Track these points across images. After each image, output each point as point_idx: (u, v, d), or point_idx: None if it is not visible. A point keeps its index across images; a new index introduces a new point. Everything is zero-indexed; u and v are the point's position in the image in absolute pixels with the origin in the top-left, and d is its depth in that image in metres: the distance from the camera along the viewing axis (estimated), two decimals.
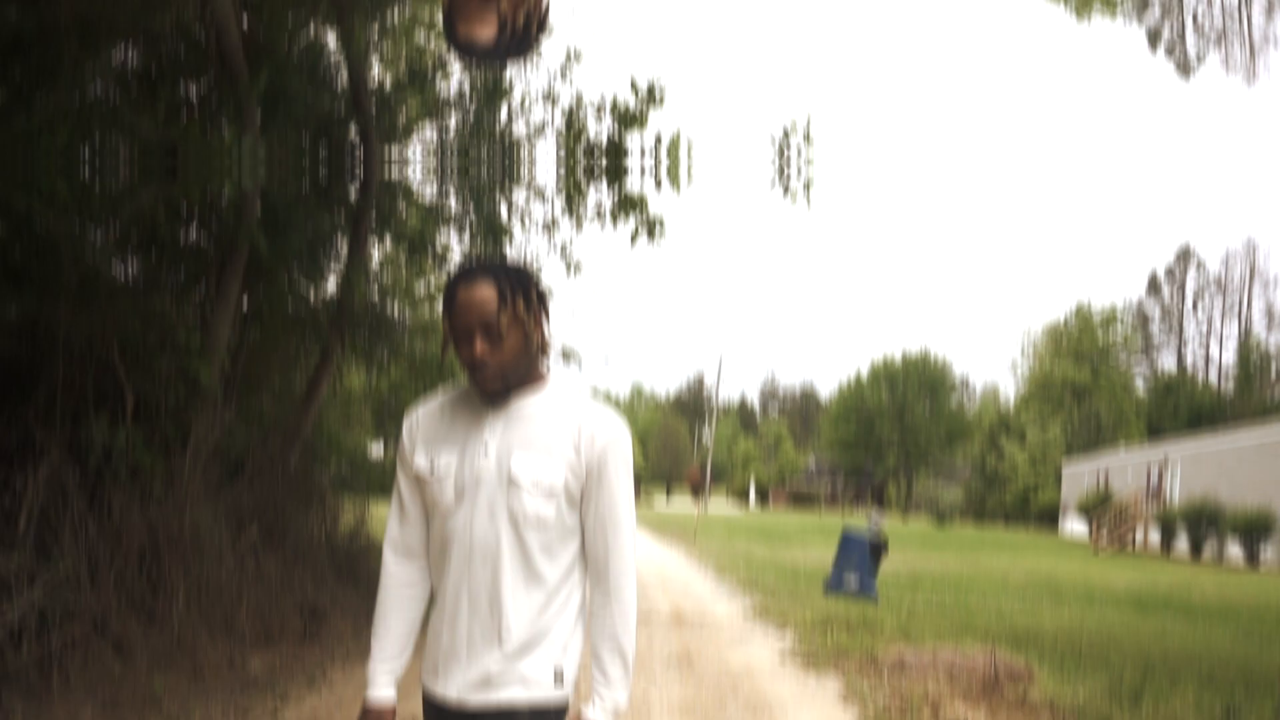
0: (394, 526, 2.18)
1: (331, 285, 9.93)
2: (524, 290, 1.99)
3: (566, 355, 13.25)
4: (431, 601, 2.18)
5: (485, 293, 1.94)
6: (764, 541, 27.63)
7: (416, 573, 2.17)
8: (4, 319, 5.89)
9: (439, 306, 10.38)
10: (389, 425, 15.50)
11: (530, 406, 2.04)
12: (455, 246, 10.99)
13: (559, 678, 2.03)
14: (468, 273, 1.99)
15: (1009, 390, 78.51)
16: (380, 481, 11.38)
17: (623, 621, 2.07)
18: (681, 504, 66.20)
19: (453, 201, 10.94)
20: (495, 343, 1.95)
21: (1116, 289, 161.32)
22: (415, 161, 10.22)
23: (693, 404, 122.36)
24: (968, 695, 6.67)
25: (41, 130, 5.83)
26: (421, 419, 2.16)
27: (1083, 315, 63.25)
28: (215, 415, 7.22)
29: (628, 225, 9.45)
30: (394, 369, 11.53)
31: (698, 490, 67.64)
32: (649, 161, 9.05)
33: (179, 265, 7.47)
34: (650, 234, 9.45)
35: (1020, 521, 49.02)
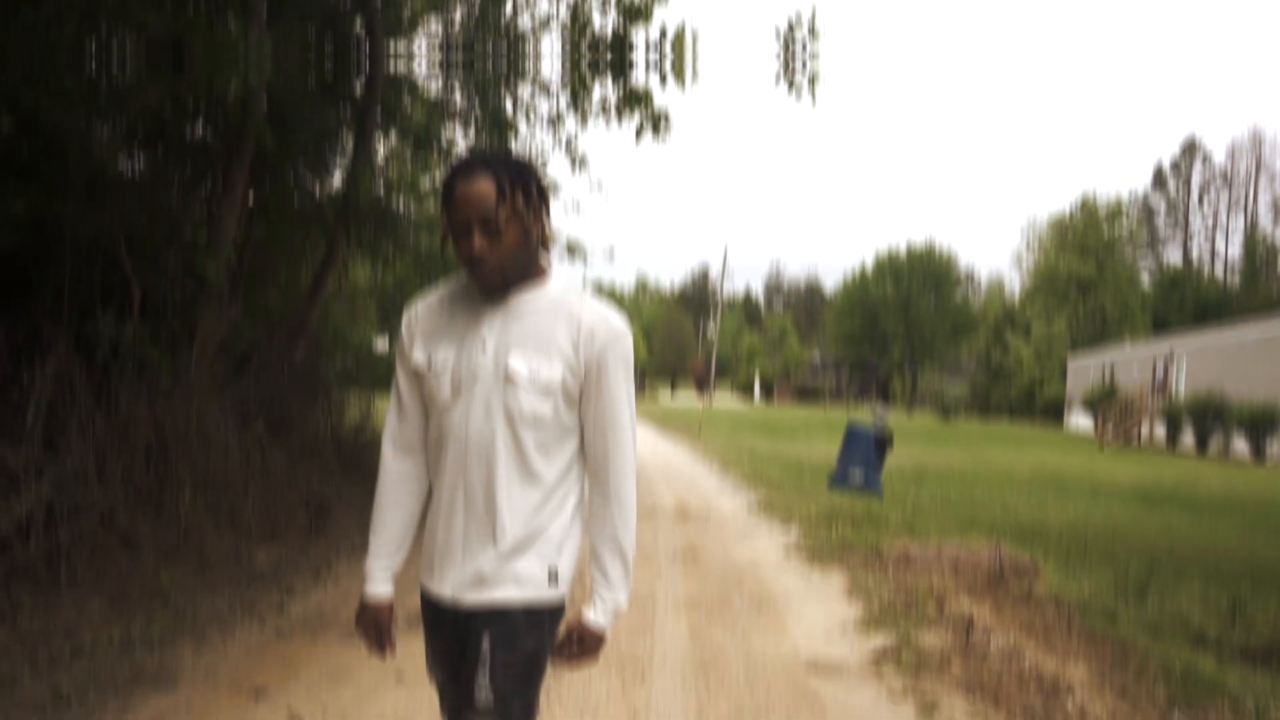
0: (392, 421, 2.16)
1: (337, 180, 9.77)
2: (524, 184, 1.94)
3: (572, 249, 13.13)
4: (430, 498, 2.16)
5: (484, 187, 1.90)
6: (768, 436, 27.87)
7: (415, 468, 2.16)
8: (11, 215, 5.78)
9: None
10: (394, 320, 15.40)
11: (530, 303, 2.01)
12: (460, 141, 10.77)
13: (554, 577, 2.02)
14: (466, 166, 1.94)
15: (1014, 284, 78.20)
16: (385, 376, 11.29)
17: (623, 522, 2.08)
18: (686, 399, 66.66)
19: (458, 96, 10.67)
20: (493, 238, 1.91)
21: (1122, 181, 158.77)
22: (420, 56, 9.91)
23: (697, 297, 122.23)
24: (973, 589, 6.74)
25: (49, 24, 5.63)
26: (421, 313, 2.12)
27: (1088, 208, 62.41)
28: (221, 310, 7.17)
29: (633, 120, 9.21)
30: (399, 264, 11.43)
31: (702, 384, 68.04)
32: (654, 56, 8.77)
33: (185, 161, 7.35)
34: (655, 129, 9.22)
35: (1025, 416, 49.32)
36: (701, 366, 76.98)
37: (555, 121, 10.73)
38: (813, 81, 8.15)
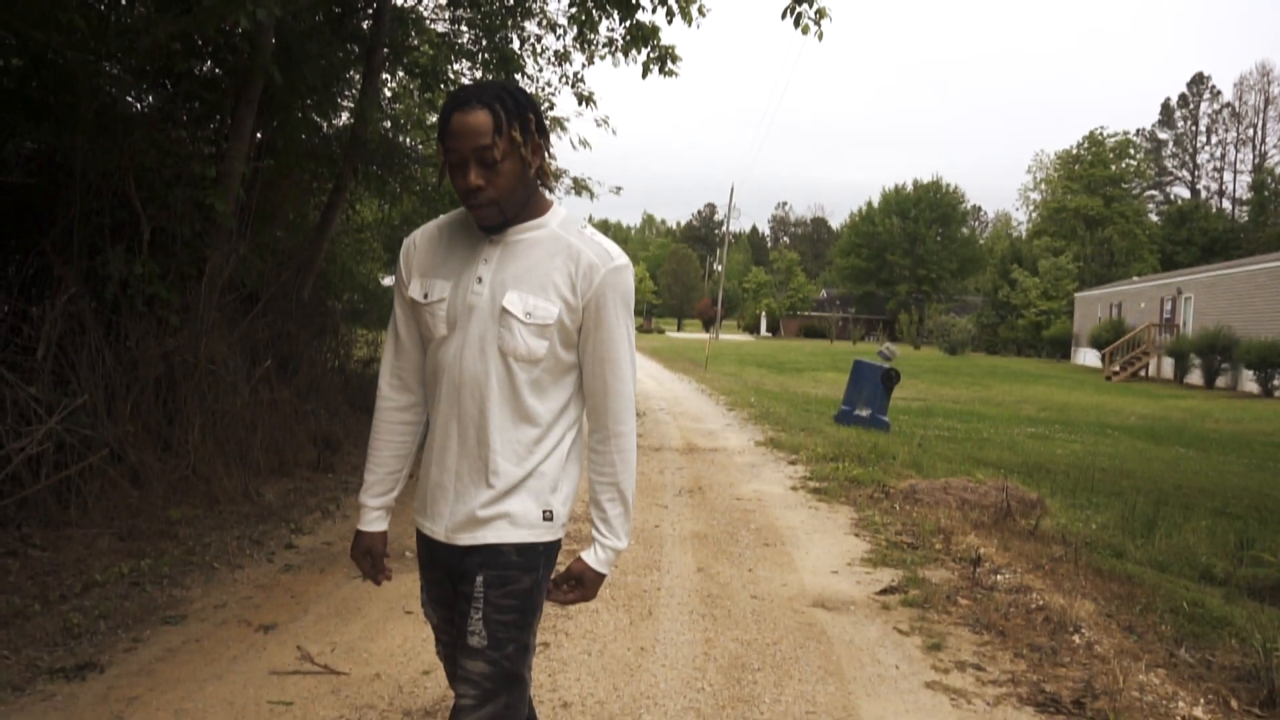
0: (389, 354, 2.13)
1: (345, 118, 9.64)
2: (521, 116, 1.87)
3: (579, 186, 13.01)
4: (425, 434, 2.14)
5: (480, 119, 1.83)
6: (775, 372, 27.88)
7: (411, 403, 2.14)
8: (23, 152, 5.72)
9: None
10: (382, 254, 15.42)
11: (528, 238, 1.96)
12: (466, 78, 10.58)
13: (548, 517, 1.98)
14: (462, 98, 1.86)
15: (1021, 219, 77.50)
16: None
17: (622, 463, 2.03)
18: (692, 334, 66.63)
19: (465, 33, 10.47)
20: (490, 171, 1.86)
21: (1129, 118, 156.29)
22: None
23: (704, 234, 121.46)
24: (980, 526, 6.76)
25: None
26: (419, 244, 2.07)
27: (1095, 143, 61.61)
28: (230, 247, 7.12)
29: (640, 56, 9.03)
30: (406, 200, 11.32)
31: (709, 320, 67.94)
32: None
33: (194, 98, 7.25)
34: (662, 66, 9.04)
35: (1032, 352, 49.25)
36: (708, 302, 76.86)
37: (562, 58, 10.54)
38: (820, 16, 7.97)
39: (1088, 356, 40.73)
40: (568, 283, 1.92)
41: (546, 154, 1.98)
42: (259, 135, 7.89)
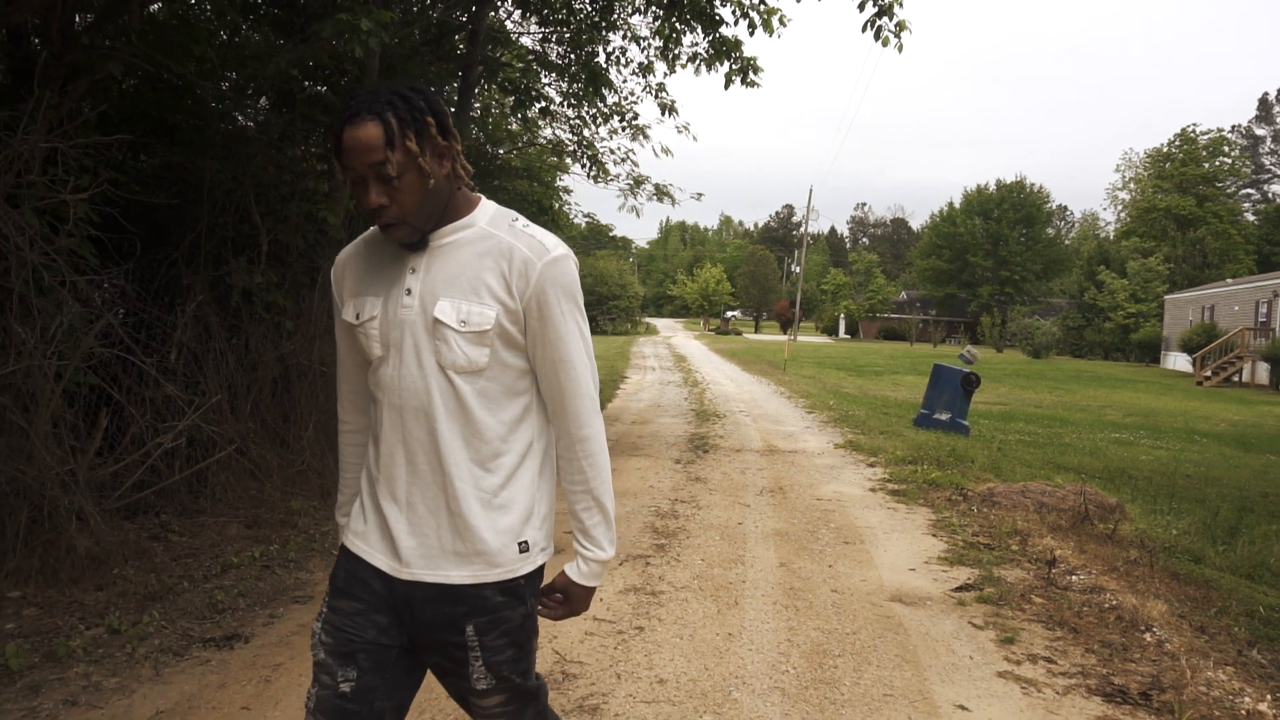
0: (339, 382, 2.07)
1: None
2: (416, 123, 1.72)
3: (660, 193, 13.35)
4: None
5: (370, 132, 1.68)
6: (854, 374, 27.85)
7: (366, 424, 2.06)
8: (157, 172, 6.28)
9: (539, 150, 10.55)
10: None
11: (455, 240, 1.82)
12: (553, 89, 11.03)
13: (524, 549, 1.86)
14: (351, 110, 1.71)
15: (1108, 220, 75.54)
16: None
17: (592, 469, 1.89)
18: (770, 337, 66.49)
19: (554, 49, 10.90)
20: (390, 187, 1.72)
21: (1225, 115, 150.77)
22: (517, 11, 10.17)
23: (782, 235, 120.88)
24: (1057, 529, 6.90)
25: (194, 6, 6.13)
26: (347, 264, 1.95)
27: (1188, 141, 59.77)
28: None
29: (722, 68, 9.32)
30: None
31: (786, 323, 67.70)
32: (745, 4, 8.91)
33: (308, 119, 7.80)
34: (744, 78, 9.31)
35: (1120, 356, 48.10)
36: (786, 304, 76.57)
37: (645, 69, 10.90)
38: (899, 29, 8.16)
39: (1178, 361, 39.66)
40: (501, 283, 1.78)
41: (457, 155, 1.82)
42: None
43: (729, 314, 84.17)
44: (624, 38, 11.11)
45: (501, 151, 11.28)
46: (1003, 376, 29.53)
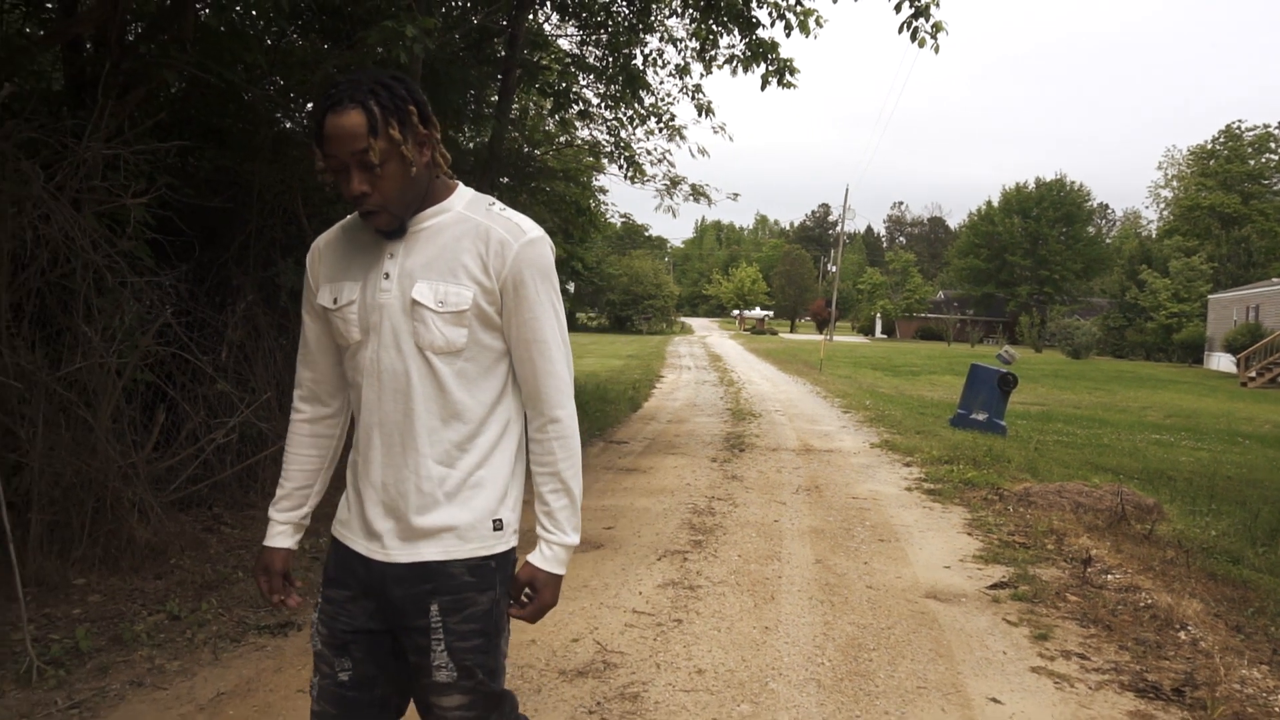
0: (299, 367, 2.05)
1: (470, 133, 10.31)
2: (399, 111, 1.74)
3: (697, 193, 13.44)
4: (341, 452, 2.08)
5: (353, 120, 1.70)
6: (890, 374, 27.76)
7: (322, 414, 2.05)
8: (209, 175, 6.48)
9: (576, 151, 10.66)
10: None
11: (433, 225, 1.84)
12: (591, 92, 11.16)
13: (498, 527, 1.85)
14: (333, 98, 1.72)
15: (1151, 218, 74.51)
16: None
17: (563, 451, 1.88)
18: (806, 336, 66.28)
19: (592, 51, 11.04)
20: (372, 175, 1.74)
21: (1270, 109, 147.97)
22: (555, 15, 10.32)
23: (818, 234, 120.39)
24: (1093, 529, 6.91)
25: (246, 15, 6.34)
26: (323, 250, 1.97)
27: (1232, 137, 58.75)
28: None
29: (759, 70, 9.39)
30: (534, 209, 11.96)
31: (822, 323, 67.44)
32: (781, 6, 8.97)
33: None
34: (781, 79, 9.38)
35: (1162, 356, 47.46)
36: (822, 304, 76.27)
37: (682, 71, 11.00)
38: (936, 30, 8.19)
39: (1221, 361, 39.08)
40: (478, 263, 1.80)
41: (436, 143, 1.85)
42: None
43: (758, 313, 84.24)
44: (661, 39, 11.22)
45: (538, 152, 11.43)
46: (1041, 377, 29.28)
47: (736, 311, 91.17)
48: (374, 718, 1.92)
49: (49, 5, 6.88)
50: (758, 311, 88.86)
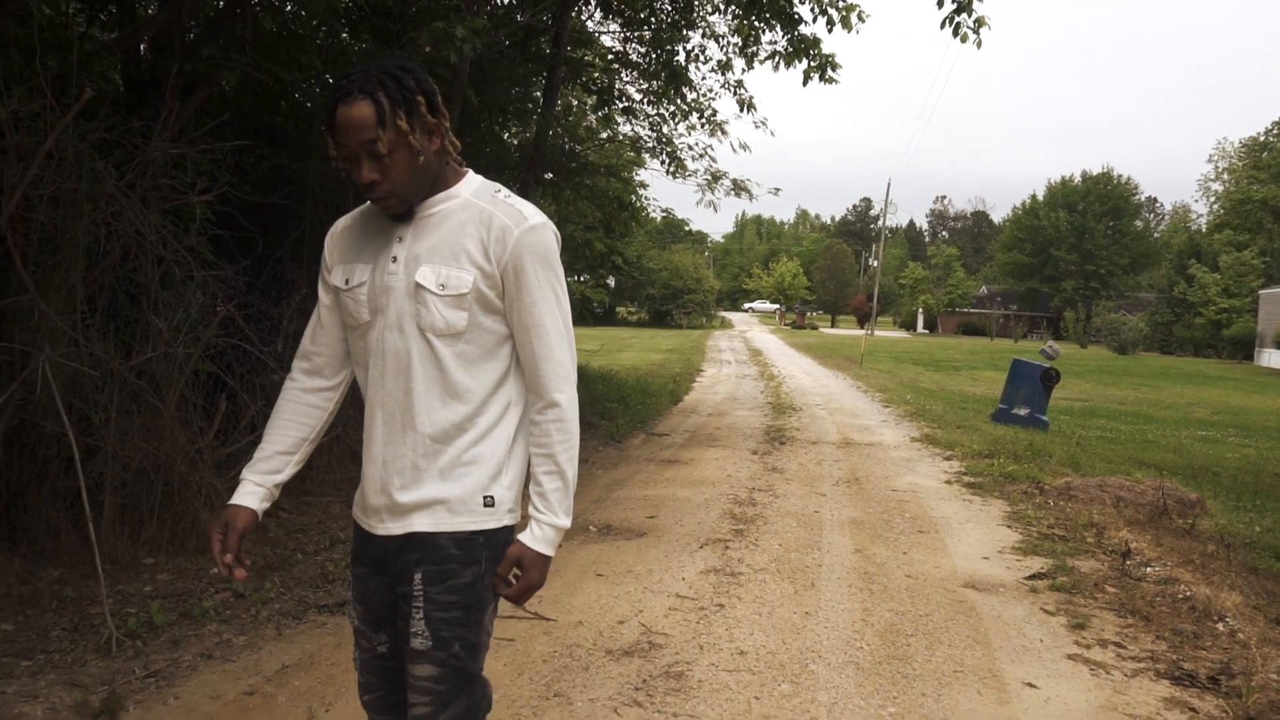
0: (306, 337, 2.10)
1: (520, 129, 10.50)
2: (407, 102, 1.80)
3: (738, 187, 13.53)
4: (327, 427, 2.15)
5: (362, 111, 1.76)
6: (932, 369, 27.63)
7: (317, 385, 2.09)
8: (265, 173, 6.71)
9: (618, 146, 10.79)
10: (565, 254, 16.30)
11: (440, 211, 1.91)
12: (633, 89, 11.31)
13: (489, 504, 1.90)
14: (344, 88, 1.78)
15: (1200, 212, 73.15)
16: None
17: (560, 434, 1.91)
18: (847, 331, 65.95)
19: (636, 49, 11.19)
20: (381, 164, 1.80)
21: None
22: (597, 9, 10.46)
23: (859, 228, 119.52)
24: (1134, 523, 6.93)
25: (300, 18, 6.57)
26: (339, 233, 2.06)
27: None
28: None
29: (801, 65, 9.46)
30: (577, 203, 12.14)
31: (864, 318, 67.08)
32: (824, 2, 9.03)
33: None
34: (822, 74, 9.44)
35: (1211, 353, 46.69)
36: (863, 298, 75.80)
37: (724, 67, 11.11)
38: (978, 25, 8.22)
39: (1273, 358, 38.39)
40: (480, 249, 1.86)
41: (445, 132, 1.90)
42: None
43: (770, 307, 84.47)
44: (703, 36, 11.33)
45: (579, 149, 11.60)
46: (1086, 373, 28.99)
47: (748, 306, 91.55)
48: None
49: (111, 9, 7.14)
50: (769, 305, 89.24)
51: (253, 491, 2.02)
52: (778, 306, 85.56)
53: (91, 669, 3.60)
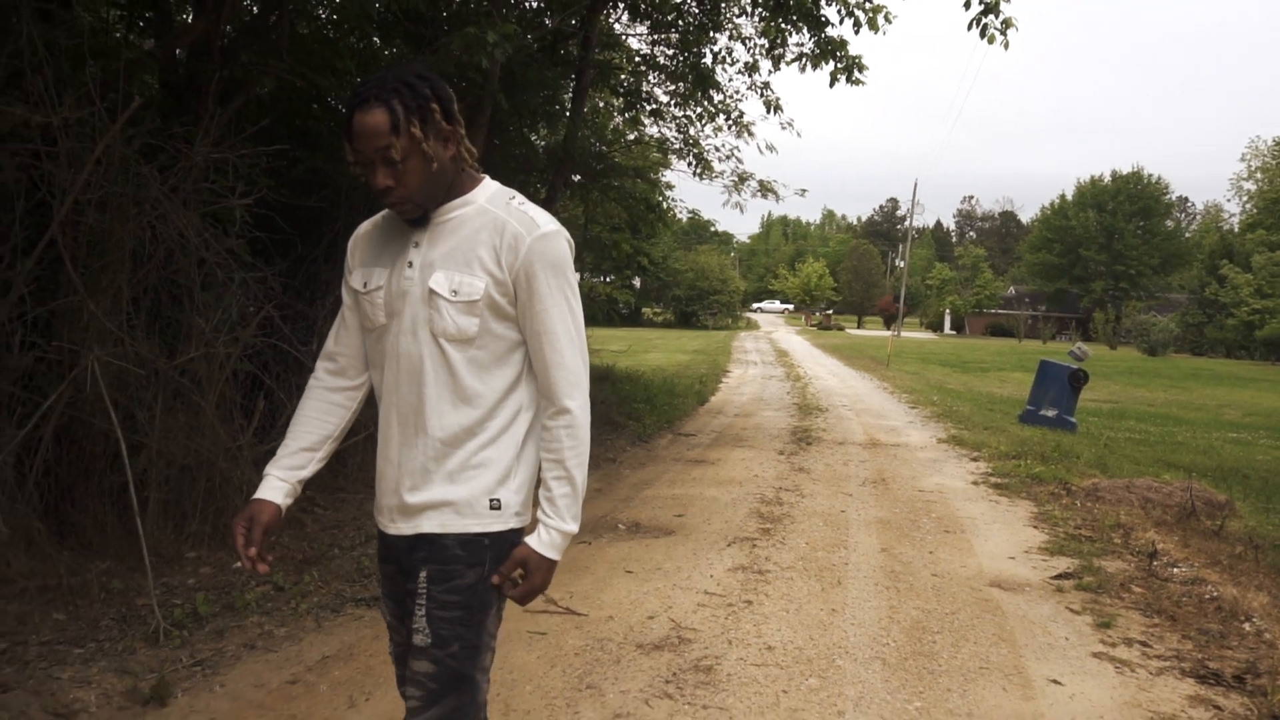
0: (330, 338, 2.14)
1: (547, 132, 10.60)
2: (421, 110, 1.83)
3: (765, 189, 13.58)
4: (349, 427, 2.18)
5: (377, 119, 1.79)
6: (959, 370, 27.52)
7: (341, 385, 2.12)
8: (301, 176, 6.85)
9: (644, 147, 10.86)
10: (589, 256, 16.45)
11: (456, 217, 1.94)
12: (660, 91, 11.40)
13: (495, 507, 1.93)
14: (361, 95, 1.82)
15: (1233, 211, 72.27)
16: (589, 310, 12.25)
17: (570, 439, 1.94)
18: (873, 332, 65.67)
19: (663, 52, 11.28)
20: (395, 170, 1.83)
21: None
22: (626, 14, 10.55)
23: (886, 229, 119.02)
24: (1161, 524, 6.93)
25: (334, 25, 6.69)
26: (361, 237, 2.10)
27: None
28: None
29: (827, 67, 9.51)
30: (605, 205, 12.23)
31: (890, 319, 66.80)
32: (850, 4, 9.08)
33: None
34: (849, 76, 9.48)
35: (1244, 354, 46.15)
36: (889, 299, 75.49)
37: (751, 69, 11.17)
38: (1005, 26, 8.23)
39: None
40: (492, 256, 1.89)
41: (461, 138, 1.93)
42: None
43: (778, 306, 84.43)
44: (730, 38, 11.38)
45: (607, 150, 11.70)
46: (1115, 374, 28.77)
47: (757, 306, 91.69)
48: None
49: (147, 15, 7.30)
50: (777, 305, 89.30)
51: (276, 486, 2.06)
52: (786, 307, 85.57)
53: (140, 657, 3.73)
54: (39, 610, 4.04)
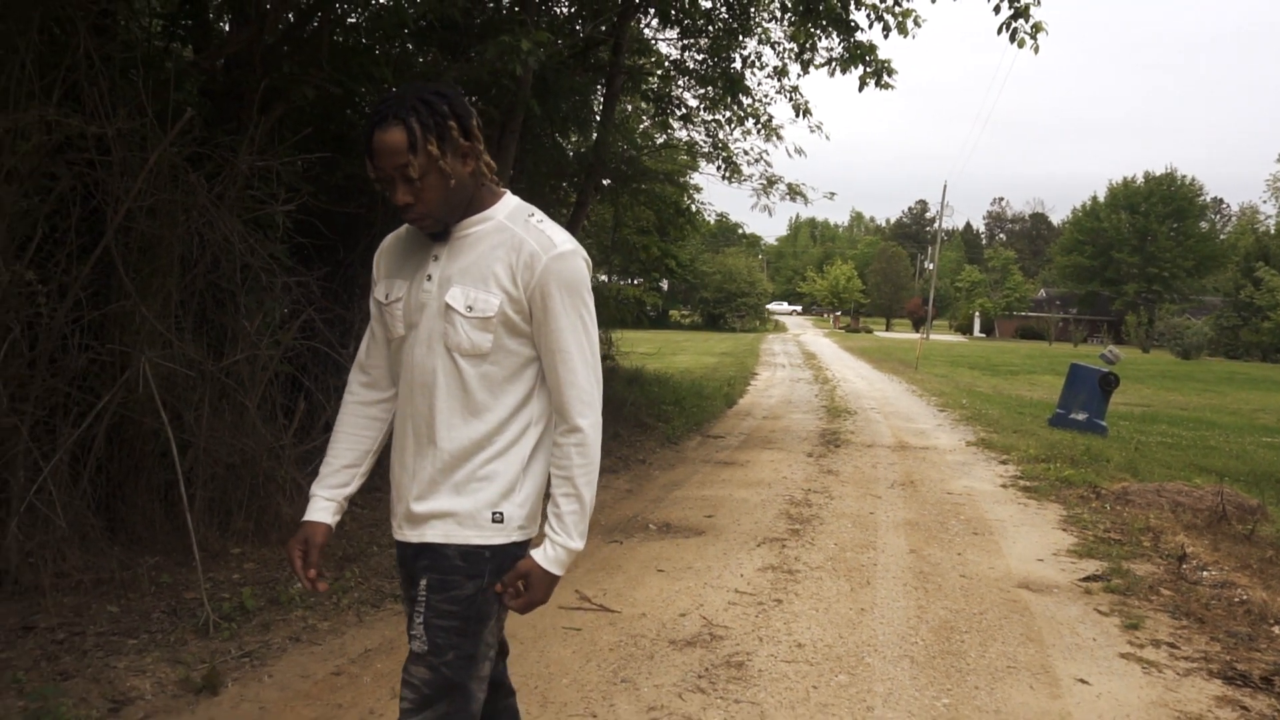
0: (361, 350, 2.17)
1: (579, 137, 10.73)
2: (439, 127, 1.85)
3: (794, 192, 13.64)
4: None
5: (395, 137, 1.82)
6: (988, 373, 27.39)
7: (375, 398, 2.16)
8: (339, 183, 7.01)
9: (672, 151, 10.98)
10: (617, 260, 16.57)
11: (475, 233, 1.96)
12: (690, 95, 11.49)
13: (498, 519, 1.95)
14: (380, 113, 1.85)
15: (1269, 213, 71.33)
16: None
17: (580, 457, 1.96)
18: (901, 334, 65.35)
19: (693, 58, 11.37)
20: (414, 187, 1.86)
21: None
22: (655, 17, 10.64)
23: (914, 231, 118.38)
24: (1191, 528, 6.93)
25: (369, 32, 6.89)
26: (387, 249, 2.13)
27: None
28: None
29: (856, 71, 9.56)
30: (634, 209, 12.34)
31: (919, 321, 66.47)
32: (880, 7, 9.11)
33: None
34: (878, 80, 9.52)
35: (1279, 357, 45.57)
36: (918, 302, 75.14)
37: (780, 72, 11.24)
38: (1035, 30, 8.25)
39: None
40: (508, 273, 1.91)
41: (480, 154, 1.95)
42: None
43: (786, 307, 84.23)
44: (759, 42, 11.45)
45: (635, 154, 11.81)
46: (1147, 378, 28.52)
47: (770, 306, 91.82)
48: None
49: (186, 23, 7.48)
50: (785, 306, 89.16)
51: (324, 507, 2.12)
52: (794, 309, 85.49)
53: (191, 648, 3.87)
54: (94, 602, 4.21)
